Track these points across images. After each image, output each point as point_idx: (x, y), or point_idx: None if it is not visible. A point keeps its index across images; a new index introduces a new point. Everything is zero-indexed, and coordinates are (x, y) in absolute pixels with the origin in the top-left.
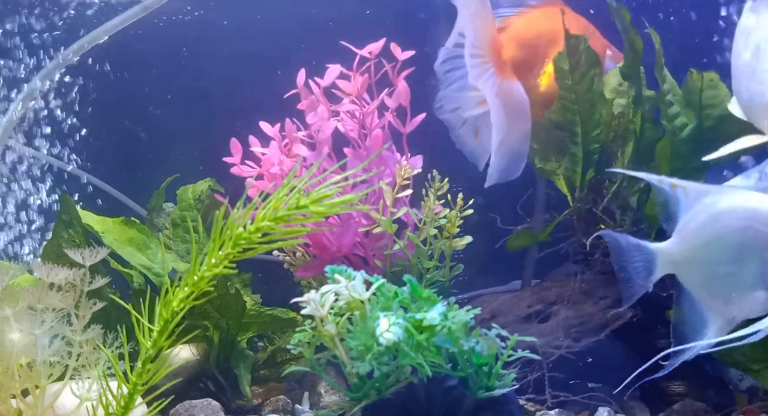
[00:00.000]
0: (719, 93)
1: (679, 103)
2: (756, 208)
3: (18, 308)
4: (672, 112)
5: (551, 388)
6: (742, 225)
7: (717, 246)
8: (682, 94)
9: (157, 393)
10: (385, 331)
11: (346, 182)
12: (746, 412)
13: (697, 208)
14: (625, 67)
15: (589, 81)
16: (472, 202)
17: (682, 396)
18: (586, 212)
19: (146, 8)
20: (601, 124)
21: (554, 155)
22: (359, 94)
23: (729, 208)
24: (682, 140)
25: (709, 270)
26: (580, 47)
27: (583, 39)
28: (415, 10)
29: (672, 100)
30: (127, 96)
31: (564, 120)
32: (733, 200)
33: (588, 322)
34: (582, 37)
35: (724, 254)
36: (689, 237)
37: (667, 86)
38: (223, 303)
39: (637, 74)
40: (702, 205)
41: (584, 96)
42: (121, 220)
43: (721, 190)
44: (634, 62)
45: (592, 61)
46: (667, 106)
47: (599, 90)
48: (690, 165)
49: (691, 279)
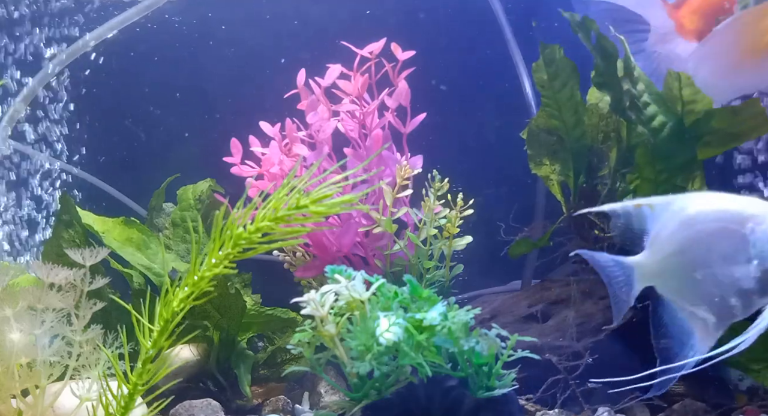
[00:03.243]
0: (698, 89)
1: (656, 102)
2: (726, 208)
3: (18, 308)
4: (649, 113)
5: (551, 388)
6: (715, 227)
7: (691, 252)
8: (659, 93)
9: (157, 393)
10: (385, 331)
11: (346, 182)
12: (746, 412)
13: (665, 218)
14: (597, 76)
15: (569, 89)
16: (472, 202)
17: (682, 396)
18: (580, 217)
19: (146, 8)
20: (586, 130)
21: (548, 159)
22: (359, 94)
23: (698, 212)
24: (663, 139)
25: (687, 277)
26: (555, 57)
27: (557, 48)
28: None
29: (648, 101)
30: (127, 96)
31: (551, 126)
32: (701, 204)
33: (588, 322)
34: (556, 46)
35: (700, 258)
36: (662, 246)
37: (641, 87)
38: (223, 303)
39: (613, 81)
40: (670, 214)
41: (566, 104)
42: (121, 220)
43: (687, 197)
44: (607, 70)
45: (570, 70)
46: (643, 106)
47: (579, 97)
48: (672, 164)
49: (670, 288)
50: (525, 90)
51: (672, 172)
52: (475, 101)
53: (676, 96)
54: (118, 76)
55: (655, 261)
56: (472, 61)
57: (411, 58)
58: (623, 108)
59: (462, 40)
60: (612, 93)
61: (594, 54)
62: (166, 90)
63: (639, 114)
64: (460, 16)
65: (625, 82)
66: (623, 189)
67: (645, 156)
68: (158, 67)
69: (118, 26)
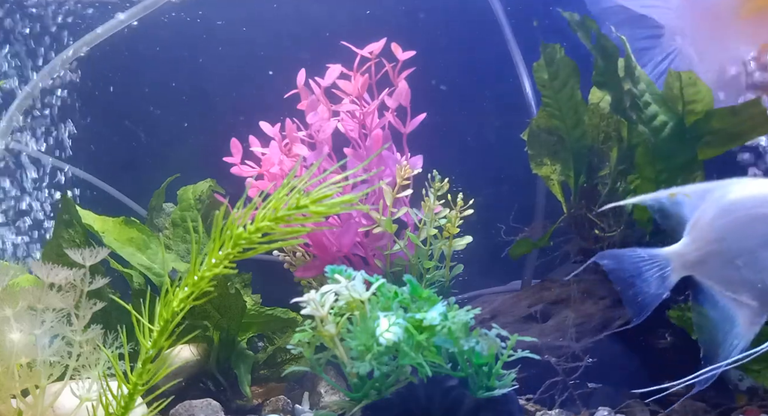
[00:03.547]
0: (699, 89)
1: (657, 102)
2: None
3: (18, 308)
4: (650, 112)
5: (551, 389)
6: (756, 213)
7: (733, 239)
8: (660, 93)
9: (157, 393)
10: (385, 331)
11: (346, 182)
12: (746, 412)
13: (704, 206)
14: (597, 76)
15: (569, 89)
16: (472, 202)
17: (682, 396)
18: (580, 217)
19: (146, 8)
20: (587, 130)
21: (548, 159)
22: (359, 94)
23: (739, 199)
24: (663, 139)
25: (729, 264)
26: (556, 56)
27: (558, 48)
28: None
29: (649, 100)
30: (128, 96)
31: (551, 126)
32: (741, 190)
33: (588, 322)
34: (557, 46)
35: (742, 245)
36: (702, 234)
37: (642, 86)
38: (223, 303)
39: (614, 80)
40: (710, 202)
41: (567, 103)
42: (121, 220)
43: (727, 183)
44: (608, 69)
45: (570, 70)
46: (644, 106)
47: (580, 97)
48: (673, 163)
49: (711, 276)
50: (525, 90)
51: (672, 171)
52: (475, 101)
53: (677, 95)
54: (118, 75)
55: (695, 250)
56: (472, 61)
57: (411, 58)
58: (624, 107)
59: (462, 40)
60: (613, 92)
61: (594, 53)
62: (166, 90)
63: (640, 113)
64: (460, 16)
65: (626, 81)
66: (624, 188)
67: (646, 155)
68: (158, 67)
69: (118, 26)
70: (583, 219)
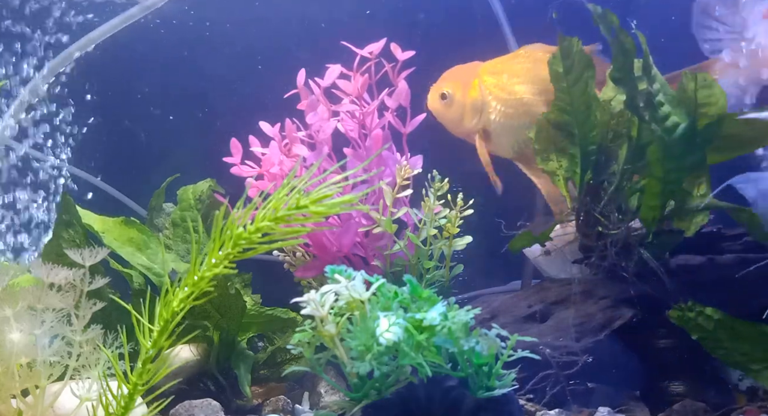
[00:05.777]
0: (714, 92)
1: (670, 102)
2: None
3: (18, 308)
4: (663, 112)
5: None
6: None
7: None
8: (673, 93)
9: (157, 393)
10: (385, 331)
11: (346, 182)
12: (746, 412)
13: None
14: (615, 71)
15: (583, 83)
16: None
17: (682, 396)
18: (585, 214)
19: (146, 8)
20: (597, 126)
21: (555, 155)
22: (359, 94)
23: None
24: (674, 140)
25: None
26: (573, 50)
27: (575, 41)
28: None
29: (663, 100)
30: (127, 96)
31: (561, 121)
32: None
33: (588, 322)
34: (575, 39)
35: None
36: None
37: (657, 86)
38: (223, 303)
39: (630, 77)
40: None
41: (579, 98)
42: (121, 220)
43: None
44: (625, 65)
45: (585, 64)
46: (657, 106)
47: (594, 92)
48: (683, 164)
49: None
50: None
51: (680, 172)
52: None
53: (691, 98)
54: (118, 75)
55: None
56: (471, 61)
57: (411, 58)
58: (637, 105)
59: (462, 40)
60: (627, 89)
61: (613, 48)
62: (166, 90)
63: (654, 113)
64: (460, 16)
65: (642, 80)
66: (630, 187)
67: (657, 153)
68: (158, 67)
69: (117, 26)
70: (587, 216)
